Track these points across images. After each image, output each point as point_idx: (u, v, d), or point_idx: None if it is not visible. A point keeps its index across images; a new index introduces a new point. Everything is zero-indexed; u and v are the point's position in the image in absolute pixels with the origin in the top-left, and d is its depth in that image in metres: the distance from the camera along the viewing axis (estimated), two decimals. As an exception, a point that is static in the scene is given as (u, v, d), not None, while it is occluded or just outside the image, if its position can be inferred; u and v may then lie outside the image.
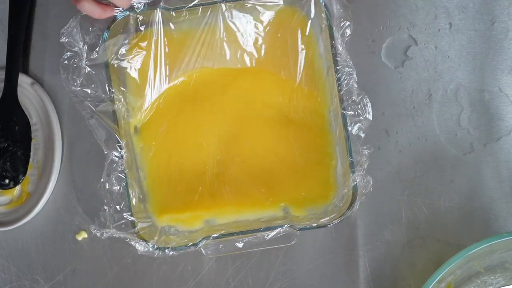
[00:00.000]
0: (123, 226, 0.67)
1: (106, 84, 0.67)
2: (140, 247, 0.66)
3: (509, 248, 0.66)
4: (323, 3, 0.67)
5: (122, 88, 0.68)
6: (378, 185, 0.71)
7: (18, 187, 0.72)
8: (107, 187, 0.66)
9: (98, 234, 0.66)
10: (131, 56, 0.68)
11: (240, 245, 0.67)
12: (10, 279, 0.72)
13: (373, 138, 0.71)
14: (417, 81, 0.72)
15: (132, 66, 0.68)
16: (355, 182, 0.66)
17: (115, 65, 0.67)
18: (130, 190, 0.67)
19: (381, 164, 0.72)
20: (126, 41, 0.68)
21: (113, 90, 0.67)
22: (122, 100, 0.68)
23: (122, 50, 0.67)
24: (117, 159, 0.66)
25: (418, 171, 0.72)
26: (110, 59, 0.67)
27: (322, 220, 0.67)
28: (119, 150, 0.67)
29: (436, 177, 0.72)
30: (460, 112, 0.72)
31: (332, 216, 0.67)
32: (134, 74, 0.69)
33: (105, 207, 0.66)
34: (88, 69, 0.65)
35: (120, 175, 0.66)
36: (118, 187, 0.66)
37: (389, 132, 0.72)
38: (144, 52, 0.68)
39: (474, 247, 0.64)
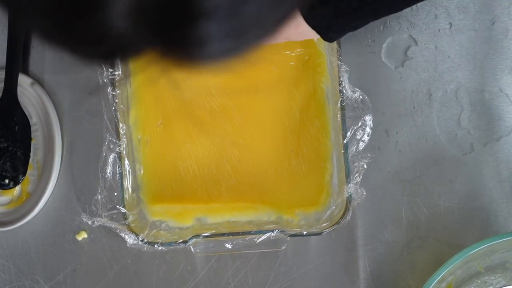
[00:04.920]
0: (114, 217, 0.67)
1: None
2: (129, 239, 0.66)
3: (510, 248, 0.66)
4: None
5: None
6: (378, 185, 0.71)
7: (18, 187, 0.72)
8: (101, 175, 0.67)
9: (89, 222, 0.66)
10: None
11: (229, 246, 0.67)
12: (10, 279, 0.72)
13: (373, 138, 0.71)
14: (417, 81, 0.72)
15: None
16: (349, 193, 0.67)
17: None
18: (124, 181, 0.67)
19: (381, 164, 0.72)
20: None
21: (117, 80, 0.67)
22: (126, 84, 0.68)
23: None
24: (115, 148, 0.67)
25: (418, 171, 0.72)
26: None
27: (314, 228, 0.67)
28: (118, 137, 0.67)
29: (436, 177, 0.72)
30: (460, 112, 0.72)
31: (324, 224, 0.67)
32: None
33: (97, 196, 0.67)
34: None
35: (116, 164, 0.67)
36: (111, 175, 0.67)
37: (389, 132, 0.72)
38: None
39: (474, 247, 0.64)
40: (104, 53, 0.33)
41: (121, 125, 0.68)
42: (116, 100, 0.67)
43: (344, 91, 0.67)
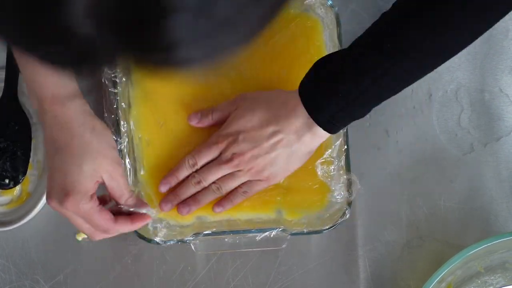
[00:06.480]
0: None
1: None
2: (130, 237, 0.66)
3: (509, 248, 0.66)
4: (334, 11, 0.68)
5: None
6: (378, 185, 0.71)
7: (18, 187, 0.72)
8: None
9: None
10: None
11: (230, 244, 0.67)
12: (10, 279, 0.72)
13: (373, 138, 0.71)
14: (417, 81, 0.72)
15: None
16: (349, 179, 0.67)
17: None
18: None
19: (381, 164, 0.72)
20: None
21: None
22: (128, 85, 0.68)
23: None
24: (116, 146, 0.67)
25: (418, 171, 0.72)
26: None
27: (314, 226, 0.67)
28: (119, 135, 0.67)
29: (436, 177, 0.72)
30: (460, 112, 0.72)
31: (324, 223, 0.67)
32: None
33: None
34: None
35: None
36: None
37: (389, 132, 0.72)
38: None
39: (474, 247, 0.64)
40: (73, 58, 0.31)
41: (122, 123, 0.68)
42: (118, 98, 0.67)
43: None
